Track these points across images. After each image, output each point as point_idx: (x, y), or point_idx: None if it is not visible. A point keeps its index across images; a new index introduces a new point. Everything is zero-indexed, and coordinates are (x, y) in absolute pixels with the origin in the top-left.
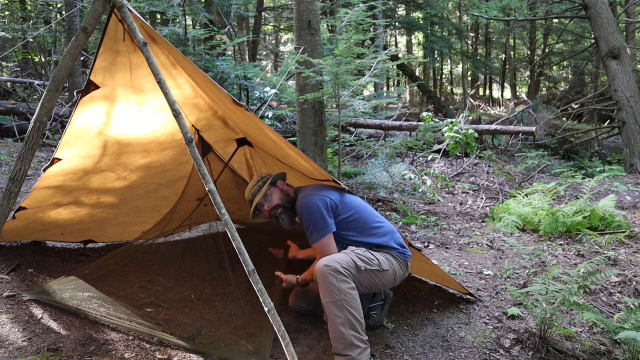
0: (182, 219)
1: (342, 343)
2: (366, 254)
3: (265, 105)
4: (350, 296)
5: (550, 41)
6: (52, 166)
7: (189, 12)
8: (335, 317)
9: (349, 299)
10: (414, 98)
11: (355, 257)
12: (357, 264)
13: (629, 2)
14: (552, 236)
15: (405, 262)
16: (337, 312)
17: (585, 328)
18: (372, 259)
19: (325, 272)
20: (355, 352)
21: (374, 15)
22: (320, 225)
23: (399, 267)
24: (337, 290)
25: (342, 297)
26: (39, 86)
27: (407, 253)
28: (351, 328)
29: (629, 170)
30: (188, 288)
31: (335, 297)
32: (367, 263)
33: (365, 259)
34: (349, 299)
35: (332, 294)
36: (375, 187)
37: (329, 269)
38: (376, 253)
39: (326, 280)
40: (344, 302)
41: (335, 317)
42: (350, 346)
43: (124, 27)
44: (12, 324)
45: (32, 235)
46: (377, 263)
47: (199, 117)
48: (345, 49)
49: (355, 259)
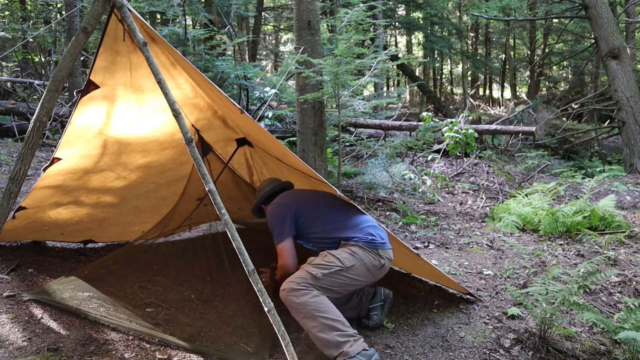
0: (182, 219)
1: (330, 347)
2: (325, 259)
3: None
4: (315, 304)
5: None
6: (52, 166)
7: (189, 12)
8: (312, 328)
9: (315, 307)
10: (414, 98)
11: (310, 268)
12: (313, 274)
13: (629, 2)
14: (552, 236)
15: (375, 250)
16: (311, 323)
17: (585, 328)
18: (330, 262)
19: (285, 296)
20: (346, 346)
21: (374, 15)
22: (278, 231)
23: (370, 257)
24: (301, 305)
25: (307, 308)
26: (39, 86)
27: (376, 241)
28: (330, 330)
29: (629, 170)
30: (188, 288)
31: (302, 312)
32: (325, 268)
33: (323, 264)
34: (315, 307)
35: (299, 310)
36: (375, 187)
37: (286, 292)
38: (338, 251)
39: (289, 302)
40: (312, 312)
41: (312, 328)
42: (338, 345)
43: (124, 27)
44: (12, 324)
45: (32, 235)
46: (337, 264)
47: (198, 117)
48: (345, 49)
49: (311, 270)
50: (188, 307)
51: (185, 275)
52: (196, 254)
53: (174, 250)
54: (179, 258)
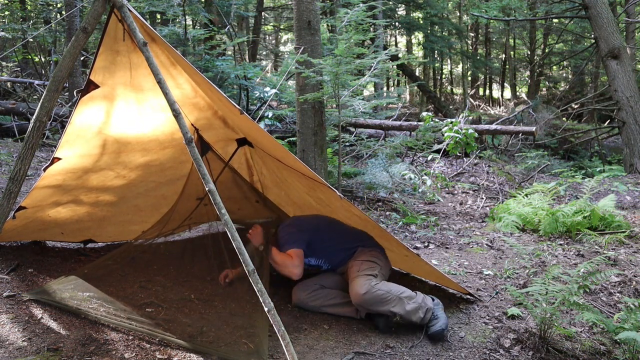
0: (182, 219)
1: (416, 312)
2: (367, 262)
3: (265, 105)
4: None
5: (550, 41)
6: (52, 165)
7: (189, 12)
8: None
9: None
10: (414, 98)
11: (365, 272)
12: (371, 273)
13: (629, 2)
14: (552, 236)
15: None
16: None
17: (585, 328)
18: (372, 264)
19: (365, 295)
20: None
21: (374, 15)
22: (294, 239)
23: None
24: (382, 292)
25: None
26: (39, 86)
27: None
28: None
29: (629, 170)
30: (188, 288)
31: (385, 299)
32: (371, 268)
33: (368, 266)
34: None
35: (383, 299)
36: (375, 187)
37: (364, 293)
38: (366, 256)
39: (373, 296)
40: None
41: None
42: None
43: (124, 27)
44: (12, 324)
45: (32, 235)
46: (377, 263)
47: (198, 116)
48: (345, 49)
49: (367, 272)
50: (188, 307)
51: (185, 275)
52: (196, 254)
53: (174, 250)
54: (179, 258)
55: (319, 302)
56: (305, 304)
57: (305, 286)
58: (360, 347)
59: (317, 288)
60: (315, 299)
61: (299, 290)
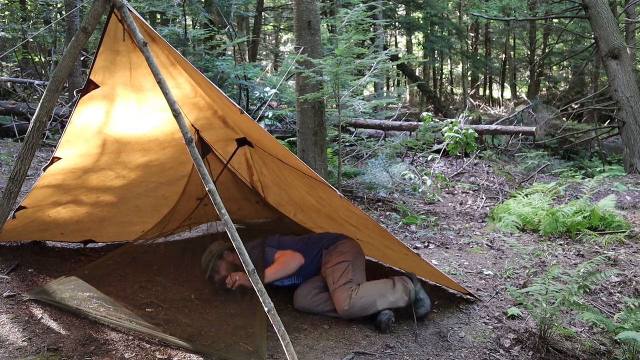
0: (182, 219)
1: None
2: (338, 270)
3: (265, 106)
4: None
5: (550, 41)
6: (52, 165)
7: (189, 12)
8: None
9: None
10: (414, 98)
11: (341, 284)
12: (347, 282)
13: (629, 2)
14: (552, 236)
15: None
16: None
17: (585, 328)
18: (344, 268)
19: (350, 309)
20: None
21: (374, 15)
22: (298, 247)
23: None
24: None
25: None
26: (39, 86)
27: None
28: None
29: (629, 170)
30: (188, 288)
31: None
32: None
33: (340, 272)
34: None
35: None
36: (375, 187)
37: (346, 309)
38: (334, 258)
39: (356, 307)
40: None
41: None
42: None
43: (124, 27)
44: (12, 324)
45: (32, 235)
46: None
47: (198, 116)
48: (345, 49)
49: (343, 283)
50: (188, 307)
51: (185, 275)
52: (196, 254)
53: (174, 250)
54: (179, 258)
55: (320, 308)
56: (309, 310)
57: (305, 291)
58: (360, 347)
59: (316, 292)
60: (317, 305)
61: (300, 297)
